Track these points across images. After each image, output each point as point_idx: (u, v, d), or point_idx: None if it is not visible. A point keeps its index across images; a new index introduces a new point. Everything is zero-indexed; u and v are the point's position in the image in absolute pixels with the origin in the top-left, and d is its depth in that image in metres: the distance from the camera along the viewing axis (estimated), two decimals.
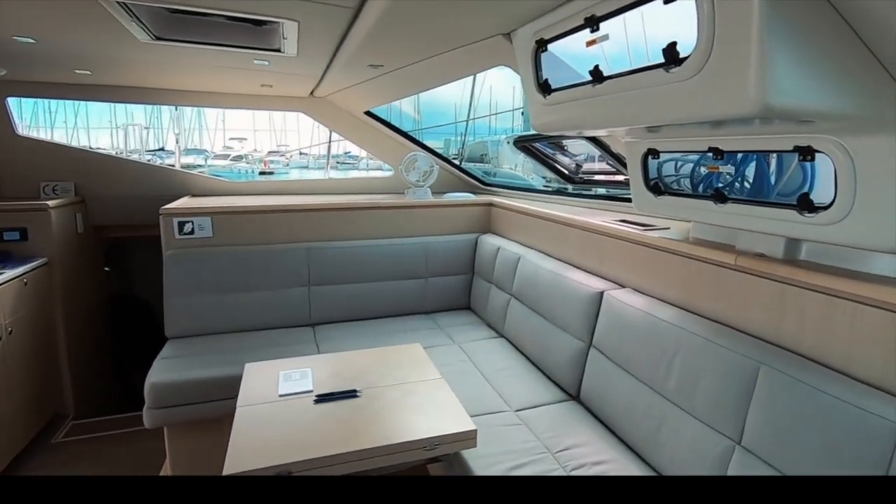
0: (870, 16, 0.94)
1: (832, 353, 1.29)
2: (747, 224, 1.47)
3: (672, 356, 1.58)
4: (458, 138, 18.93)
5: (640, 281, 1.97)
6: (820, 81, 0.98)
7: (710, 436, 1.41)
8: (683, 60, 1.09)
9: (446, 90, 20.57)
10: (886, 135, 1.10)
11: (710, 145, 1.49)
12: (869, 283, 1.23)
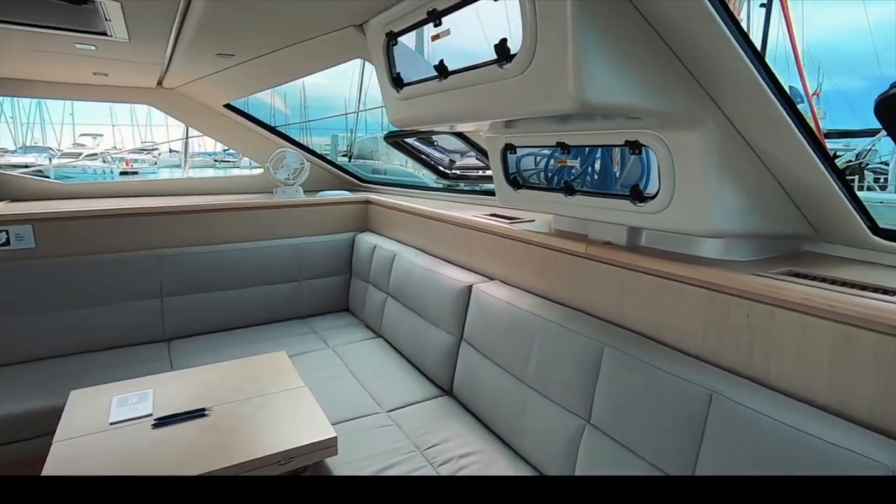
0: (669, 21, 1.04)
1: (665, 330, 1.43)
2: (593, 214, 1.57)
3: (531, 344, 1.64)
4: (348, 134, 18.47)
5: (506, 273, 2.04)
6: (632, 80, 1.06)
7: (565, 417, 1.49)
8: (514, 57, 1.12)
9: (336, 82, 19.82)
10: (697, 131, 1.22)
11: (558, 140, 1.57)
12: (693, 264, 1.37)
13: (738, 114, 1.19)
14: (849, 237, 1.42)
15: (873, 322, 1.04)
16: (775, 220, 1.43)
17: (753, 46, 1.04)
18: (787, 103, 1.12)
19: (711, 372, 1.24)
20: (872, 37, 33.24)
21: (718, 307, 1.30)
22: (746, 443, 1.08)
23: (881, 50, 23.75)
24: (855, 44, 29.46)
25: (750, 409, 1.09)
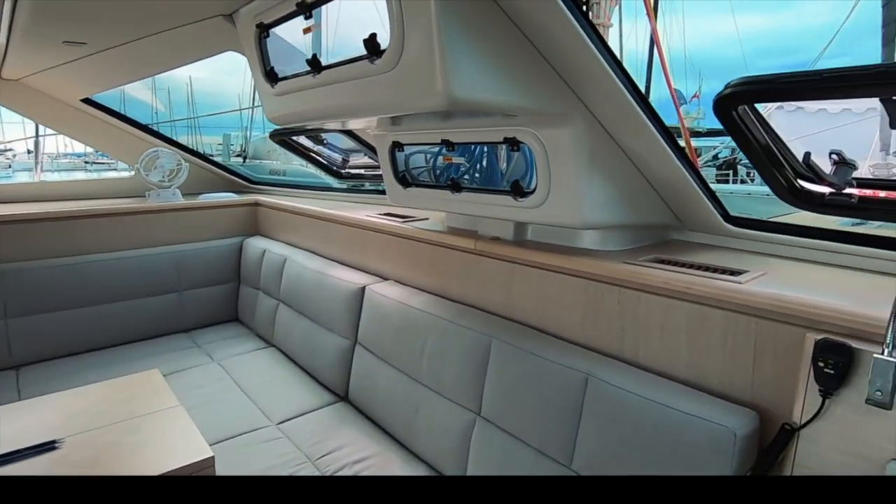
0: (534, 23, 1.08)
1: (548, 320, 1.49)
2: (479, 211, 1.60)
3: (424, 342, 1.64)
4: (243, 133, 17.35)
5: (400, 272, 2.02)
6: (500, 77, 1.09)
7: (457, 412, 1.50)
8: (384, 53, 1.10)
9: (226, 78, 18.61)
10: (568, 128, 1.28)
11: (443, 137, 1.58)
12: (572, 256, 1.44)
13: (603, 113, 1.27)
14: (707, 225, 1.58)
15: (722, 301, 1.16)
16: (644, 212, 1.55)
17: (610, 50, 1.11)
18: (643, 104, 1.21)
19: (589, 356, 1.31)
20: (741, 45, 37.93)
21: (594, 295, 1.38)
22: (617, 420, 1.15)
23: (749, 57, 27.12)
24: (728, 51, 34.28)
25: (620, 389, 1.17)
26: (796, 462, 0.97)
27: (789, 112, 10.53)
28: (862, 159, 7.59)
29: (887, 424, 0.89)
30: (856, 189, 1.24)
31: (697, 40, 48.33)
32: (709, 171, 10.80)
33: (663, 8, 17.23)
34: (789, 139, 2.60)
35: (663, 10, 17.22)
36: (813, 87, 0.94)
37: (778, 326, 1.07)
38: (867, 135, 6.49)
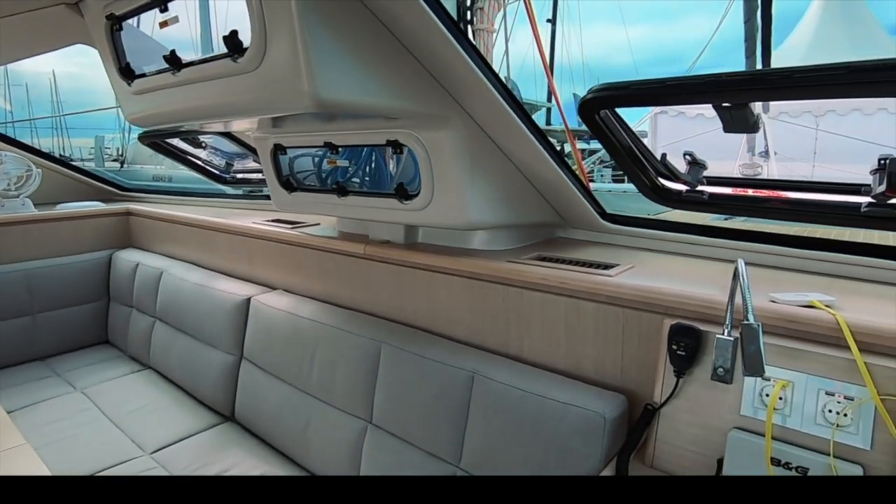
0: (403, 26, 1.08)
1: (437, 321, 1.51)
2: (366, 214, 1.59)
3: (313, 352, 1.59)
4: (120, 135, 15.76)
5: (289, 280, 1.95)
6: (371, 79, 1.09)
7: (348, 421, 1.47)
8: (247, 51, 1.06)
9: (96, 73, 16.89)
10: (447, 130, 1.31)
11: (325, 140, 1.54)
12: (459, 256, 1.47)
13: (480, 115, 1.31)
14: (587, 223, 1.68)
15: (593, 293, 1.24)
16: (528, 212, 1.62)
17: (480, 54, 1.15)
18: (516, 107, 1.26)
19: (476, 355, 1.34)
20: (633, 54, 41.27)
21: (480, 293, 1.42)
22: (501, 415, 1.19)
23: (639, 65, 29.58)
24: (621, 59, 37.37)
25: (503, 385, 1.21)
26: (657, 438, 1.07)
27: (672, 117, 11.68)
28: (733, 160, 8.62)
29: (729, 397, 1.00)
30: (707, 186, 1.40)
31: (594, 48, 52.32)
32: (606, 171, 11.56)
33: (562, 17, 18.30)
34: (672, 142, 2.82)
35: (562, 19, 18.32)
36: (658, 94, 1.04)
37: (641, 315, 1.17)
38: (738, 137, 7.37)
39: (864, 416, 0.89)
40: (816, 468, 0.89)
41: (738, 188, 1.42)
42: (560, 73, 18.89)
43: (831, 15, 11.56)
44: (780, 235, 1.41)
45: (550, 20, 19.69)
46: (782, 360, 0.97)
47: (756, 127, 1.03)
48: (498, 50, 2.06)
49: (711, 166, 1.75)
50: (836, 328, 0.94)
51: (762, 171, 7.71)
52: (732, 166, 7.77)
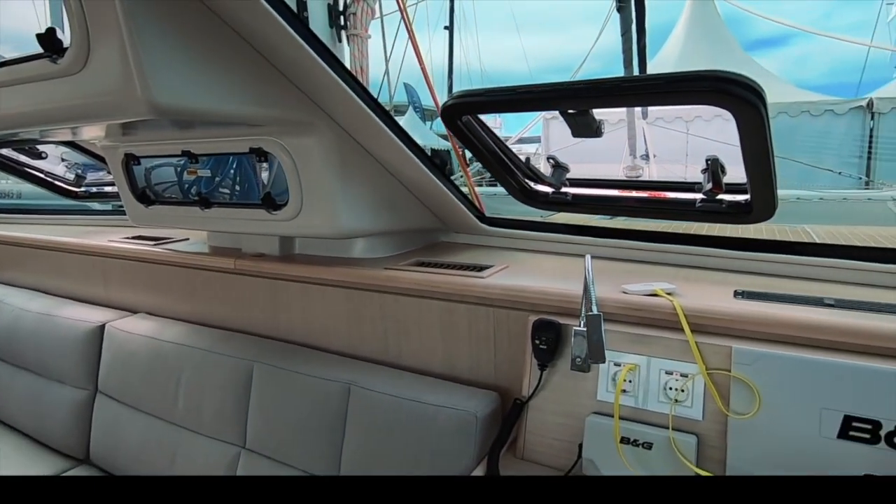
0: (249, 28, 1.06)
1: (315, 334, 1.49)
2: (233, 227, 1.53)
3: (179, 378, 1.50)
4: None
5: (151, 302, 1.81)
6: (218, 84, 1.05)
7: (219, 449, 1.41)
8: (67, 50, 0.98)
9: None
10: (314, 136, 1.30)
11: (183, 148, 1.47)
12: (334, 266, 1.46)
13: (347, 121, 1.32)
14: (467, 226, 1.75)
15: (465, 295, 1.29)
16: (407, 218, 1.65)
17: (338, 60, 1.16)
18: (382, 113, 1.29)
19: (353, 365, 1.34)
20: (528, 62, 43.43)
21: (357, 302, 1.42)
22: (378, 424, 1.21)
23: (535, 72, 31.11)
24: (517, 66, 39.42)
25: (380, 393, 1.23)
26: (527, 430, 1.13)
27: (562, 122, 12.45)
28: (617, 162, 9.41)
29: (588, 384, 1.09)
30: (570, 188, 1.51)
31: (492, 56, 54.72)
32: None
33: (459, 25, 18.85)
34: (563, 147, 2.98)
35: (459, 27, 18.86)
36: (512, 100, 1.11)
37: (510, 313, 1.24)
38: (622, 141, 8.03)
39: (696, 390, 1.01)
40: (659, 442, 0.99)
41: (598, 188, 1.55)
42: (459, 79, 19.46)
43: (695, 33, 13.04)
44: (639, 231, 1.57)
45: (447, 27, 20.25)
46: (631, 346, 1.08)
47: (599, 132, 1.13)
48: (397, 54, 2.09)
49: (599, 169, 1.90)
50: (675, 313, 1.07)
51: (643, 172, 8.49)
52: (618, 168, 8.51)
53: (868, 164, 9.93)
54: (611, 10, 5.37)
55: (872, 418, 0.88)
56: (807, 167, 9.36)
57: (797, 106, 10.67)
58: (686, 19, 13.44)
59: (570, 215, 2.25)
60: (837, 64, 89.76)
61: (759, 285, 1.24)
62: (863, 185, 9.42)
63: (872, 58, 16.88)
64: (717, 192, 1.26)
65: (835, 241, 2.59)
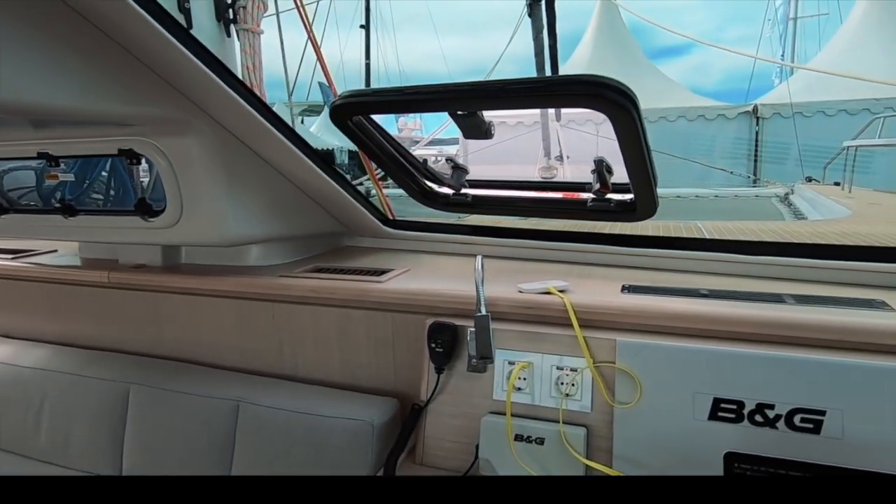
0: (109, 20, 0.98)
1: (203, 350, 1.40)
2: (105, 236, 1.42)
3: (40, 406, 1.36)
4: None
5: (8, 324, 1.63)
6: (71, 78, 0.96)
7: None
8: None
9: None
10: (192, 137, 1.23)
11: (40, 150, 1.33)
12: (224, 276, 1.39)
13: (230, 122, 1.26)
14: (370, 230, 1.73)
15: (362, 301, 1.28)
16: (306, 222, 1.60)
17: (213, 56, 1.10)
18: (267, 113, 1.24)
19: (244, 381, 1.28)
20: (447, 63, 43.94)
21: (248, 313, 1.36)
22: (270, 440, 1.16)
23: (454, 74, 31.52)
24: (436, 67, 39.62)
25: (272, 408, 1.18)
26: (426, 435, 1.13)
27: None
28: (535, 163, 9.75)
29: (484, 385, 1.11)
30: (470, 189, 1.54)
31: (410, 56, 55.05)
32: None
33: (376, 24, 18.75)
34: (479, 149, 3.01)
35: (376, 27, 18.76)
36: (401, 101, 1.11)
37: (408, 317, 1.24)
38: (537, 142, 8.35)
39: (585, 384, 1.06)
40: (551, 436, 1.03)
41: (497, 189, 1.59)
42: (377, 79, 19.39)
43: (602, 40, 13.86)
44: (540, 231, 1.63)
45: (363, 26, 20.05)
46: (526, 344, 1.11)
47: (489, 134, 1.16)
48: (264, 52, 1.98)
49: (517, 170, 1.94)
50: (566, 310, 1.11)
51: (558, 173, 8.89)
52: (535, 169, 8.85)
53: (755, 165, 11.02)
54: (522, 15, 5.54)
55: (737, 399, 0.96)
56: (704, 167, 10.24)
57: (694, 111, 11.64)
58: (594, 27, 14.25)
59: (488, 217, 2.31)
60: (731, 72, 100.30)
61: (645, 279, 1.33)
62: (751, 184, 10.43)
63: (759, 67, 18.79)
64: (605, 192, 1.33)
65: (721, 235, 2.85)
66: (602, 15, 13.95)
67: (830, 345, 0.99)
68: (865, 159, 7.58)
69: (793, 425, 0.93)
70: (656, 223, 3.31)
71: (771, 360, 0.96)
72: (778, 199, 7.60)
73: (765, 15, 21.99)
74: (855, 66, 10.92)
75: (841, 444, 0.90)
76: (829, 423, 0.91)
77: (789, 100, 10.59)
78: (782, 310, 1.06)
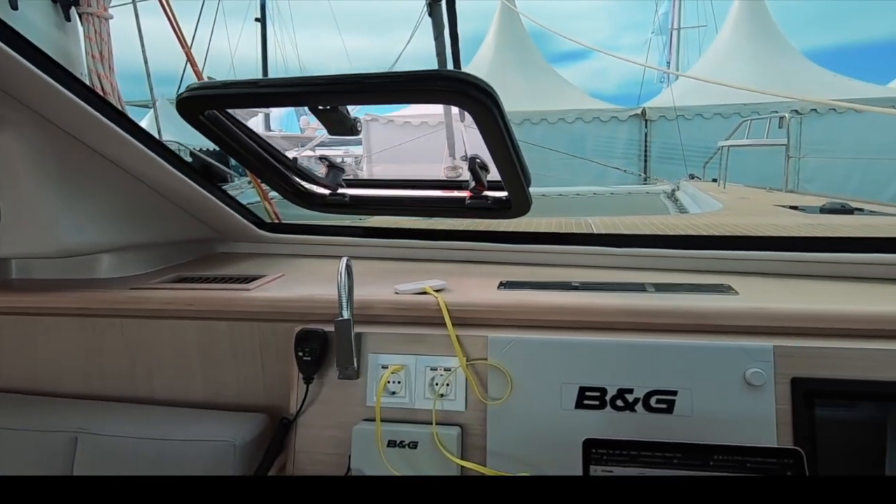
0: None
1: (41, 377, 1.26)
2: None
3: None
4: None
5: None
6: None
7: None
8: None
9: None
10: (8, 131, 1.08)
11: None
12: (64, 291, 1.25)
13: (60, 117, 1.13)
14: (244, 235, 1.63)
15: (226, 312, 1.20)
16: (167, 228, 1.48)
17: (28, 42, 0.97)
18: (106, 109, 1.12)
19: (87, 409, 1.16)
20: (350, 61, 43.29)
21: (93, 332, 1.23)
22: (115, 472, 1.05)
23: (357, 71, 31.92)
24: (338, 65, 38.78)
25: (118, 437, 1.07)
26: (296, 450, 1.08)
27: (383, 124, 12.66)
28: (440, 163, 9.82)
29: (357, 392, 1.08)
30: (348, 189, 1.50)
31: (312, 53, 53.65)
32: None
33: (273, 19, 18.01)
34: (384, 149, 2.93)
35: (272, 20, 18.01)
36: (256, 95, 1.04)
37: (276, 326, 1.18)
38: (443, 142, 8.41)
39: (459, 383, 1.06)
40: (424, 439, 1.02)
41: (377, 189, 1.56)
42: (276, 75, 18.72)
43: (503, 43, 14.30)
44: (423, 230, 1.62)
45: (259, 19, 19.18)
46: (402, 346, 1.09)
47: (355, 130, 1.12)
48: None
49: (423, 169, 1.89)
50: (440, 309, 1.11)
51: (462, 171, 9.04)
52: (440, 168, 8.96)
53: (645, 164, 11.90)
54: (422, 14, 5.54)
55: (600, 386, 1.01)
56: (601, 166, 10.90)
57: (590, 112, 12.35)
58: (495, 30, 14.67)
59: (391, 218, 2.27)
60: (627, 77, 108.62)
61: (525, 275, 1.36)
62: (643, 182, 11.26)
63: (648, 73, 20.36)
64: (482, 190, 1.34)
65: (608, 230, 3.03)
66: (502, 19, 14.42)
67: (684, 328, 1.06)
68: (741, 157, 8.43)
69: (649, 407, 0.99)
70: (549, 219, 3.46)
71: (631, 347, 1.02)
72: (665, 195, 8.23)
73: (652, 25, 23.93)
74: (727, 73, 12.15)
75: (691, 420, 0.97)
76: (681, 402, 0.98)
77: (672, 104, 11.56)
78: (643, 298, 1.13)
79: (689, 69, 16.47)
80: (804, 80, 12.00)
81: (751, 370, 0.96)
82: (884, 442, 0.94)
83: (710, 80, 8.38)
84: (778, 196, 5.74)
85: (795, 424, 0.95)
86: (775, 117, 6.83)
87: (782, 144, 6.57)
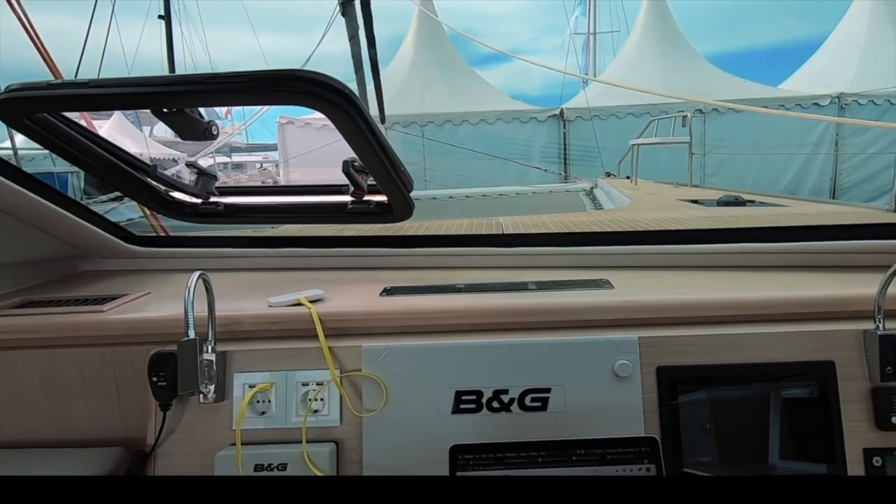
0: None
1: None
2: None
3: None
4: None
5: None
6: None
7: None
8: None
9: None
10: None
11: None
12: None
13: None
14: (109, 250, 1.51)
15: (74, 338, 1.09)
16: (13, 248, 1.34)
17: None
18: None
19: None
20: (266, 62, 41.89)
21: None
22: None
23: None
24: (256, 64, 37.53)
25: None
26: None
27: (300, 127, 12.34)
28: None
29: (223, 416, 1.01)
30: (220, 197, 1.42)
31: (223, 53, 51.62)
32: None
33: (178, 15, 17.10)
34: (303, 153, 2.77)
35: (178, 17, 17.08)
36: (87, 96, 0.95)
37: (132, 350, 1.09)
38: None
39: (332, 397, 1.02)
40: (294, 459, 0.97)
41: (252, 196, 1.49)
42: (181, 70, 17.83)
43: (423, 45, 14.38)
44: (307, 238, 1.57)
45: (162, 16, 18.14)
46: (271, 363, 1.04)
47: (209, 134, 1.06)
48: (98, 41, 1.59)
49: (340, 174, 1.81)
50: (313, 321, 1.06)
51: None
52: None
53: (565, 163, 12.34)
54: (335, 14, 5.41)
55: (476, 389, 1.00)
56: (522, 166, 11.19)
57: (510, 114, 12.65)
58: (414, 32, 14.72)
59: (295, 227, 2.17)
60: (548, 79, 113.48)
61: (411, 279, 1.34)
62: (563, 180, 11.66)
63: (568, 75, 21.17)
64: (362, 194, 1.31)
65: (517, 229, 3.08)
66: (421, 21, 14.49)
67: (561, 325, 1.08)
68: (654, 154, 8.92)
69: (524, 406, 0.99)
70: (461, 221, 3.48)
71: (507, 347, 1.02)
72: (584, 192, 8.55)
73: (568, 29, 24.95)
74: (637, 75, 12.87)
75: (564, 416, 0.99)
76: (554, 399, 0.99)
77: (587, 105, 12.07)
78: (524, 297, 1.14)
79: (605, 71, 17.26)
80: (706, 82, 12.92)
81: (619, 362, 0.99)
82: (744, 421, 0.99)
83: (618, 84, 8.86)
84: (683, 191, 6.12)
85: (661, 412, 0.99)
86: (679, 116, 7.27)
87: (685, 142, 7.02)
